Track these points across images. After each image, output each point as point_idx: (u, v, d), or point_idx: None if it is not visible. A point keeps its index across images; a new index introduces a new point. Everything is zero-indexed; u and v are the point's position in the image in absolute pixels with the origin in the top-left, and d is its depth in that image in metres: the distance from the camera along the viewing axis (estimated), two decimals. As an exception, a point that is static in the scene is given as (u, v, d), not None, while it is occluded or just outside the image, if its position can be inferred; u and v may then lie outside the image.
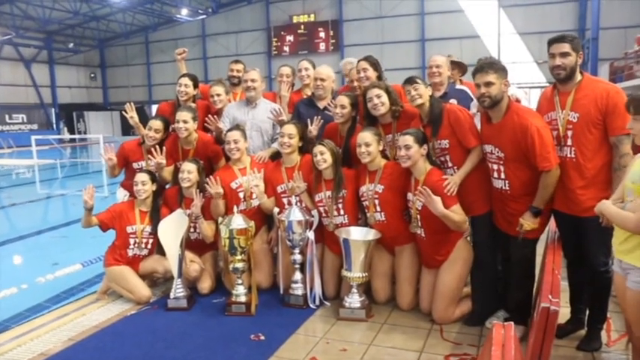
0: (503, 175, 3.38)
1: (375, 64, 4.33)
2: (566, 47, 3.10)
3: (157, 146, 4.57)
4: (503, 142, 3.30)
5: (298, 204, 4.23)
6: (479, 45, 26.12)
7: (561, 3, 25.64)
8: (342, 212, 4.13)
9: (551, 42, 3.19)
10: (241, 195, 4.45)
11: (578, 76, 3.15)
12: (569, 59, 3.09)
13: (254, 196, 4.42)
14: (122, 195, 4.94)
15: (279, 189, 4.41)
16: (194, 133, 4.63)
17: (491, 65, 3.26)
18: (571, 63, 3.10)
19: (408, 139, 3.59)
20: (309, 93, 4.93)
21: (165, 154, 4.58)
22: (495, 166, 3.41)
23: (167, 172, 4.68)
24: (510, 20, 26.67)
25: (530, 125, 3.15)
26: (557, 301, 2.38)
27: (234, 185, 4.44)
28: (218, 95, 4.93)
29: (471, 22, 27.39)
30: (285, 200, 4.37)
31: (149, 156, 4.60)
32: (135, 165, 4.78)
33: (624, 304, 2.60)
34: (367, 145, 3.85)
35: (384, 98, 3.95)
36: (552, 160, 3.15)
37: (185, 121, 4.49)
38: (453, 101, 4.01)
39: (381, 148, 3.93)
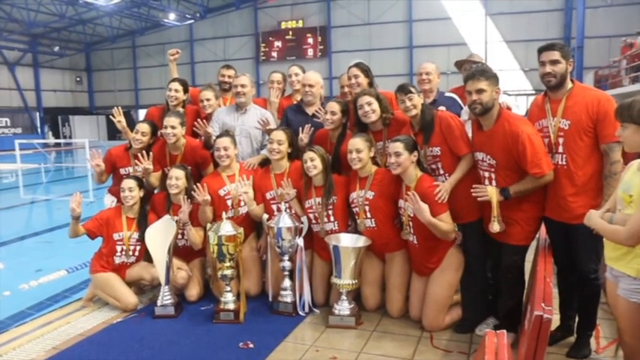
0: (494, 183, 3.38)
1: (366, 71, 4.33)
2: (556, 55, 3.12)
3: (144, 152, 4.51)
4: (495, 149, 3.31)
5: (287, 210, 4.20)
6: (466, 52, 25.77)
7: (547, 12, 25.95)
8: (332, 219, 4.11)
9: (541, 50, 3.21)
10: (229, 202, 4.40)
11: (569, 84, 3.17)
12: (559, 67, 3.12)
13: (242, 203, 4.38)
14: (110, 201, 4.87)
15: (268, 195, 4.37)
16: (182, 138, 4.58)
17: (482, 73, 3.29)
18: (561, 70, 3.12)
19: (398, 146, 3.58)
20: (300, 98, 4.91)
21: (153, 159, 4.52)
22: (487, 174, 3.42)
23: (154, 178, 4.62)
24: (497, 28, 26.93)
25: (521, 132, 3.16)
26: (550, 309, 2.37)
27: (222, 192, 4.40)
28: (208, 100, 4.90)
29: (458, 30, 27.60)
30: (274, 207, 4.35)
31: (136, 161, 4.54)
32: (122, 171, 4.71)
33: (616, 312, 2.60)
34: (358, 151, 3.84)
35: (375, 105, 3.94)
36: (544, 166, 3.16)
37: (173, 127, 4.45)
38: (442, 108, 4.01)
39: (372, 154, 3.92)
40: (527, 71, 25.80)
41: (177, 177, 4.34)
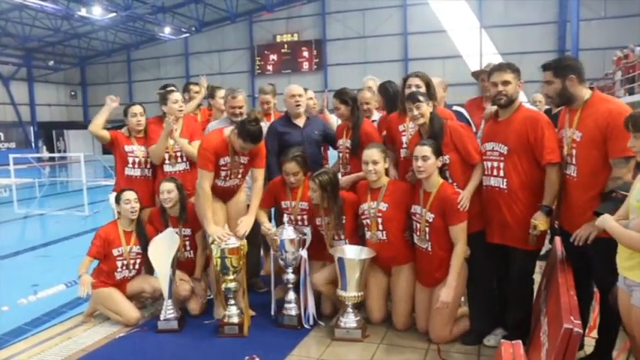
0: (502, 173, 3.39)
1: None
2: (547, 75, 3.17)
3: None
4: (509, 134, 3.35)
5: (291, 223, 4.15)
6: (461, 65, 26.41)
7: (541, 24, 26.16)
8: (342, 237, 4.12)
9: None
10: None
11: (585, 95, 3.12)
12: (552, 86, 3.15)
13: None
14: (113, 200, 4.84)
15: (283, 204, 4.34)
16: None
17: (509, 65, 3.39)
18: (555, 90, 3.14)
19: (426, 150, 3.54)
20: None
21: (153, 133, 4.63)
22: (496, 164, 3.43)
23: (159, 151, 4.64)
24: (492, 41, 27.07)
25: (541, 118, 3.30)
26: (580, 322, 2.32)
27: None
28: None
29: (453, 43, 27.75)
30: (285, 217, 4.33)
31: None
32: (127, 147, 4.69)
33: (629, 321, 2.56)
34: (374, 162, 3.81)
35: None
36: (558, 153, 3.20)
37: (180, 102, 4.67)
38: None
39: (387, 165, 3.89)
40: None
41: (168, 190, 4.34)
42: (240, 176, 4.25)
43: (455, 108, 4.45)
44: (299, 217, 4.28)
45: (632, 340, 2.66)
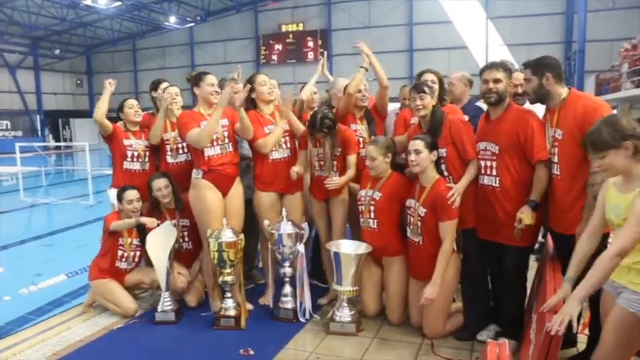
0: (495, 172, 3.43)
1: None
2: (526, 73, 3.25)
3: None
4: (501, 134, 3.39)
5: (288, 216, 4.18)
6: (467, 56, 26.28)
7: (548, 15, 25.94)
8: (334, 169, 4.25)
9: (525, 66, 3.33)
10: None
11: (563, 93, 3.17)
12: (530, 84, 3.23)
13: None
14: (114, 195, 4.87)
15: (266, 130, 4.30)
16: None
17: (500, 64, 3.45)
18: (533, 87, 3.21)
19: (418, 144, 3.58)
20: None
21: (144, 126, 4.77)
22: (488, 163, 3.47)
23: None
24: (498, 32, 26.90)
25: (531, 118, 3.32)
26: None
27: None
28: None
29: (459, 33, 27.57)
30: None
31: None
32: (126, 142, 4.74)
33: (605, 319, 2.54)
34: (372, 159, 3.88)
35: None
36: (547, 152, 3.23)
37: (177, 94, 4.68)
38: (465, 117, 4.03)
39: (387, 160, 3.91)
40: (527, 75, 25.76)
41: (165, 185, 4.38)
42: (227, 141, 4.20)
43: (477, 103, 4.43)
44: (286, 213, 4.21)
45: (602, 339, 2.57)
